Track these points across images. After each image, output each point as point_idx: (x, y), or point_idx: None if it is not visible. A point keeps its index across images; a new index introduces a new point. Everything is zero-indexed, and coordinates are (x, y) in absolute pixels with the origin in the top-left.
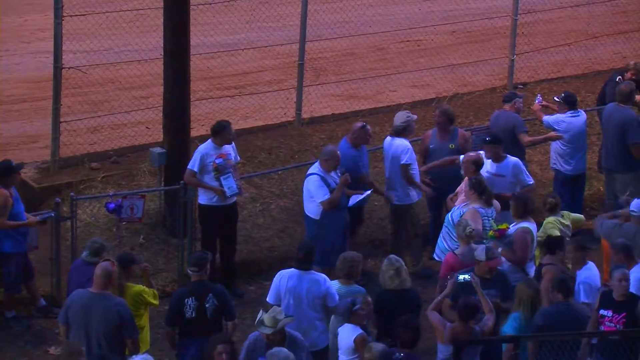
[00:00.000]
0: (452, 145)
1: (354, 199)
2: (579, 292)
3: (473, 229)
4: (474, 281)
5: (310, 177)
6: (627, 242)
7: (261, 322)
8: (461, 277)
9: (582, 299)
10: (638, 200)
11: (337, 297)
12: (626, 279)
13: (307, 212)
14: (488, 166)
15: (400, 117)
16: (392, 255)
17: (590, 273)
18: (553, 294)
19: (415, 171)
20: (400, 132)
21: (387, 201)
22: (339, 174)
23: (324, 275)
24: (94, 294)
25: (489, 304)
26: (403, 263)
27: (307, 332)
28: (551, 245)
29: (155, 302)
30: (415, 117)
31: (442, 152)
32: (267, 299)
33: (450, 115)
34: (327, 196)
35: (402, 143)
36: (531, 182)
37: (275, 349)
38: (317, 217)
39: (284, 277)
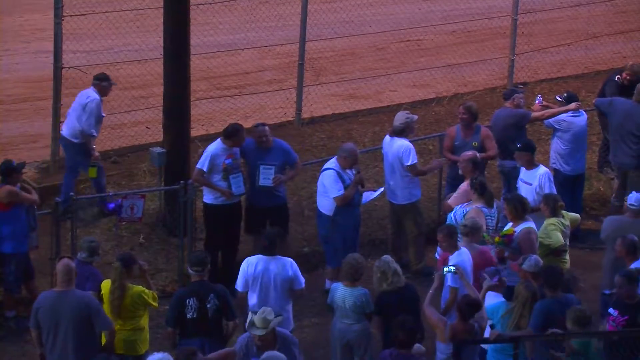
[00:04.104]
0: (475, 143)
1: (367, 197)
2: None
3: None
4: (459, 272)
5: (326, 171)
6: (636, 240)
7: (252, 323)
8: (446, 268)
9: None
10: (637, 195)
11: (303, 281)
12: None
13: (320, 208)
14: (522, 173)
15: (399, 118)
16: (383, 257)
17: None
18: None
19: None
20: (399, 133)
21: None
22: (355, 172)
23: (289, 259)
24: (59, 292)
25: (475, 293)
26: (391, 264)
27: None
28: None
29: (155, 304)
30: (415, 117)
31: (465, 149)
32: (236, 286)
33: (475, 112)
34: (342, 192)
35: (404, 144)
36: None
37: (269, 353)
38: (330, 214)
39: (252, 264)
